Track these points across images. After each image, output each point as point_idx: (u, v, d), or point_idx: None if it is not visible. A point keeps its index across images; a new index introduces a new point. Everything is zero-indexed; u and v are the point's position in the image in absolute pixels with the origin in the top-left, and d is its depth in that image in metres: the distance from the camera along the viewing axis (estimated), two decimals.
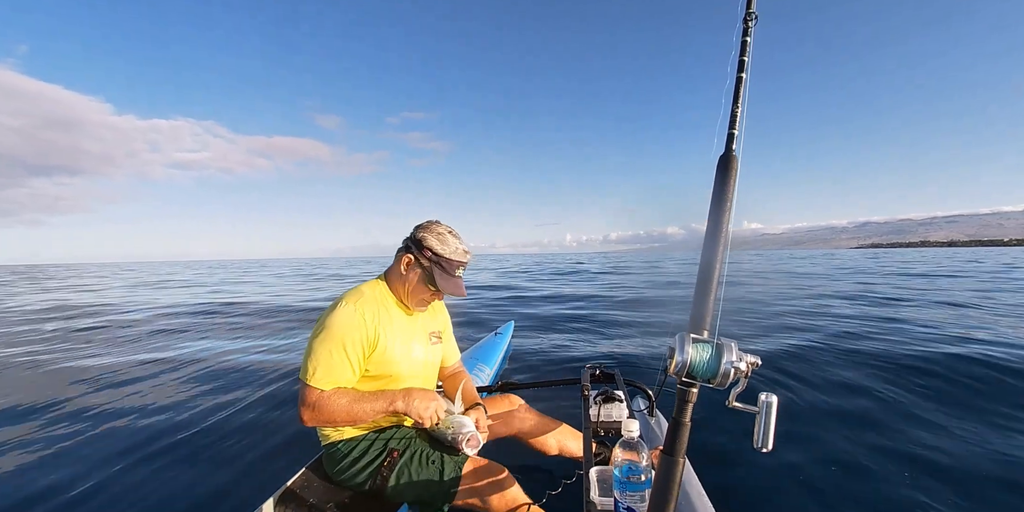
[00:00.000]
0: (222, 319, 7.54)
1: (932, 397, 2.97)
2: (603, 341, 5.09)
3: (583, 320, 6.51)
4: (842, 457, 2.20)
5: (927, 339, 4.47)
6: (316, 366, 1.31)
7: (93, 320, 7.68)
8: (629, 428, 1.14)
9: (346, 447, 1.43)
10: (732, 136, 0.93)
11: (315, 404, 1.30)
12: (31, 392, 3.58)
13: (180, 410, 3.08)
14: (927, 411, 2.74)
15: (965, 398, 2.93)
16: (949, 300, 7.58)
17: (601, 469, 1.25)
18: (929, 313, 6.21)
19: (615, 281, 14.67)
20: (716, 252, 0.89)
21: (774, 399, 0.80)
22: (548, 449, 1.78)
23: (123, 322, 7.42)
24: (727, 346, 0.80)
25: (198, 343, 5.46)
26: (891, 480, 2.00)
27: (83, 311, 9.12)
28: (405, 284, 1.48)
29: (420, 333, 1.59)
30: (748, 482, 2.01)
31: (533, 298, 9.69)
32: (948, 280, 12.06)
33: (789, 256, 48.27)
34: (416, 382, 1.54)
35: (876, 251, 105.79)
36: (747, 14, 0.95)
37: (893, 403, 2.88)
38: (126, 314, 8.42)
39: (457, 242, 1.47)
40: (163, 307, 9.45)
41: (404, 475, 1.37)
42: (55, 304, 10.58)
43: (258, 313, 8.19)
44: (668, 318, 6.53)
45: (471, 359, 3.23)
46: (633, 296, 9.95)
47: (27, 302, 11.45)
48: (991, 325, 5.20)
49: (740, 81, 0.93)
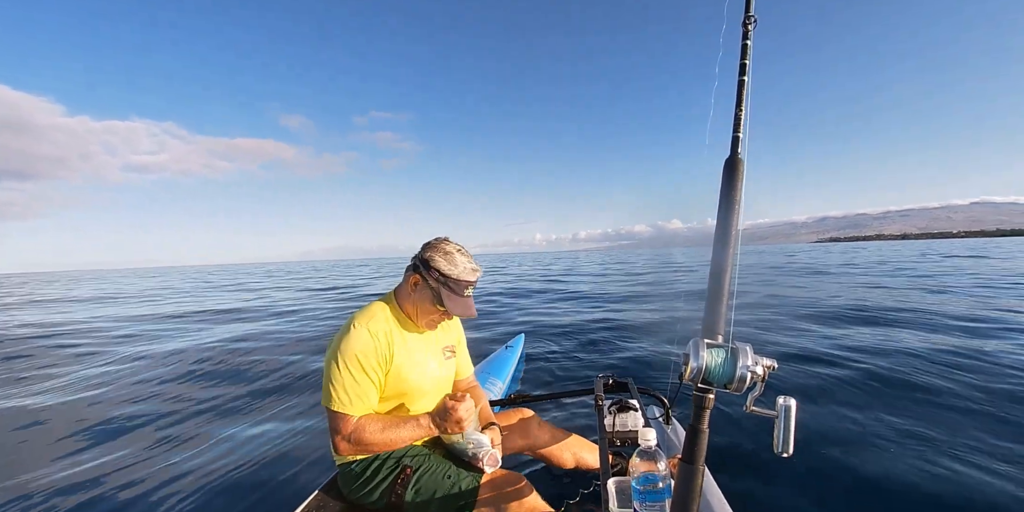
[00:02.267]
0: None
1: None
2: (613, 350, 5.04)
3: (594, 326, 6.46)
4: (873, 460, 2.15)
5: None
6: (340, 392, 1.32)
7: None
8: (646, 437, 1.12)
9: (360, 466, 1.42)
10: (737, 139, 0.93)
11: (351, 436, 1.32)
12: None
13: (176, 429, 3.08)
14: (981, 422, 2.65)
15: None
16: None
17: (619, 480, 1.23)
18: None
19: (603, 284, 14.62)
20: (726, 256, 0.88)
21: (793, 403, 0.79)
22: (564, 462, 1.76)
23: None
24: (742, 350, 0.79)
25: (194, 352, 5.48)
26: (923, 485, 1.95)
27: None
28: (413, 304, 1.47)
29: (434, 348, 1.58)
30: (770, 489, 1.97)
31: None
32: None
33: (763, 252, 47.91)
34: (431, 398, 1.54)
35: (834, 245, 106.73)
36: (746, 18, 0.96)
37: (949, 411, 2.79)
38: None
39: (466, 261, 1.45)
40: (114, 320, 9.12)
41: (420, 491, 1.35)
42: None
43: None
44: (674, 320, 6.47)
45: (482, 373, 3.21)
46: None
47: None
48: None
49: (742, 84, 0.93)
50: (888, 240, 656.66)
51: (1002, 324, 5.25)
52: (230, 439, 2.89)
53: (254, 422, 3.16)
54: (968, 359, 3.78)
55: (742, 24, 0.96)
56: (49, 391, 4.20)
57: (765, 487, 1.98)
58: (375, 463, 1.42)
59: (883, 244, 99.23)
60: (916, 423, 2.57)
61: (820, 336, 4.98)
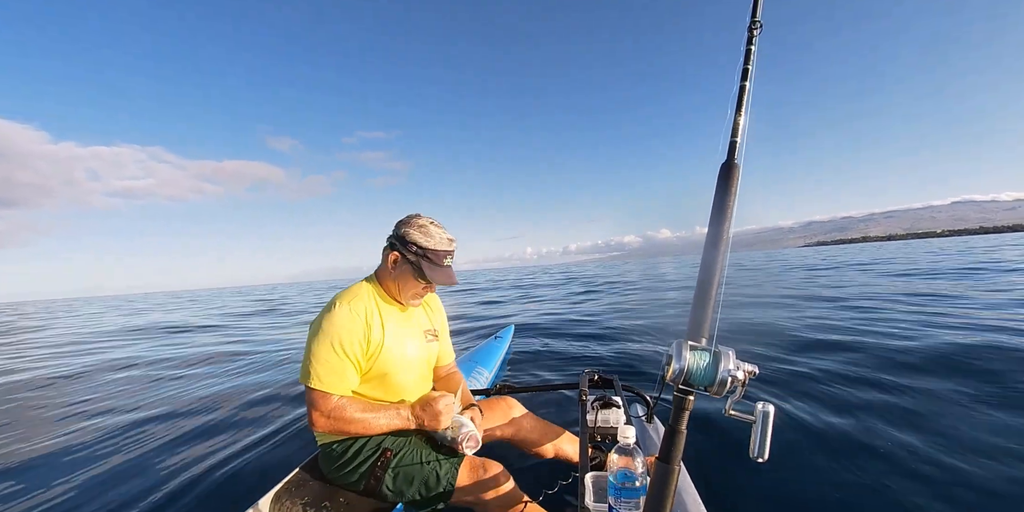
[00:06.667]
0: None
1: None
2: (602, 346, 5.07)
3: (585, 325, 6.50)
4: (853, 464, 2.18)
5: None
6: (320, 369, 1.32)
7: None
8: (625, 434, 1.13)
9: (341, 447, 1.44)
10: (734, 144, 0.93)
11: (331, 412, 1.33)
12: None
13: (168, 405, 3.09)
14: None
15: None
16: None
17: (597, 474, 1.25)
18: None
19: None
20: (716, 259, 0.88)
21: (771, 409, 0.80)
22: (544, 452, 1.78)
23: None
24: (725, 354, 0.80)
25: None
26: (904, 490, 1.98)
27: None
28: (395, 281, 1.48)
29: (416, 330, 1.59)
30: (746, 492, 2.00)
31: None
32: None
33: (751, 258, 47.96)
34: (411, 379, 1.54)
35: (822, 248, 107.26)
36: (752, 22, 0.95)
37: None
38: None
39: (440, 231, 1.46)
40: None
41: (398, 474, 1.37)
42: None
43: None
44: (664, 322, 6.51)
45: (470, 362, 3.22)
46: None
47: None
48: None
49: (743, 89, 0.93)
50: (874, 241, 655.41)
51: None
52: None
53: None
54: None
55: (748, 29, 0.96)
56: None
57: (741, 490, 2.01)
58: (355, 445, 1.43)
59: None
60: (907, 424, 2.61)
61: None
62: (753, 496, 1.97)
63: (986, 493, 1.85)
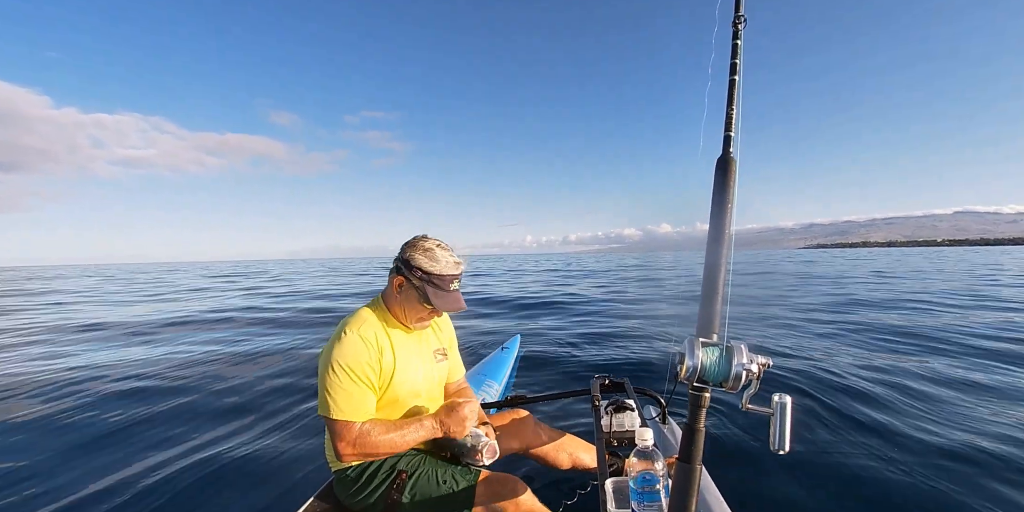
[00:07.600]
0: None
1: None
2: (610, 351, 5.04)
3: (585, 325, 6.46)
4: (867, 454, 2.16)
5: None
6: (338, 398, 1.30)
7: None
8: (643, 437, 1.12)
9: (355, 472, 1.42)
10: (729, 139, 0.94)
11: (356, 440, 1.31)
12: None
13: (173, 443, 3.03)
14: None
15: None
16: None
17: (616, 480, 1.23)
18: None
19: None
20: (720, 255, 0.88)
21: (788, 400, 0.79)
22: (560, 463, 1.75)
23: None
24: (737, 348, 0.80)
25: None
26: (925, 480, 1.95)
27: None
28: (401, 306, 1.46)
29: (425, 352, 1.57)
30: (768, 487, 1.97)
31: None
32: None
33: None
34: (424, 401, 1.53)
35: (822, 251, 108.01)
36: (736, 17, 0.96)
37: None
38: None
39: (447, 255, 1.44)
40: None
41: (416, 494, 1.35)
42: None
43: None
44: (669, 322, 6.48)
45: (478, 375, 3.19)
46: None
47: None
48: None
49: (733, 84, 0.94)
50: (873, 247, 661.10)
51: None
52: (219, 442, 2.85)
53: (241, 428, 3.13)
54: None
55: (732, 24, 0.97)
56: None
57: (763, 485, 1.98)
58: (370, 468, 1.41)
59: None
60: (922, 420, 2.59)
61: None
62: (775, 491, 1.95)
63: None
